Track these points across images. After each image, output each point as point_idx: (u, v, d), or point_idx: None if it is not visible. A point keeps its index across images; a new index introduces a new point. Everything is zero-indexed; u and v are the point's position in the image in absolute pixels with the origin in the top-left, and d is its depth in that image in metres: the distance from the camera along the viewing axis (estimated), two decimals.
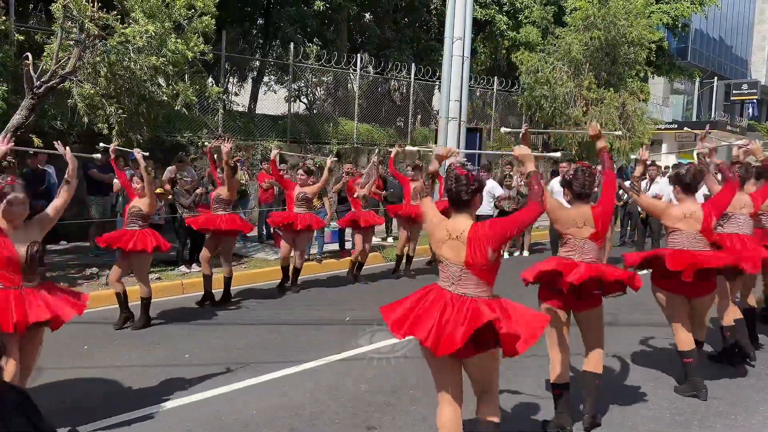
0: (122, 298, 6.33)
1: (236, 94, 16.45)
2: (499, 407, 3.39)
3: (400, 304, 3.30)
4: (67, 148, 4.54)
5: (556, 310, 4.10)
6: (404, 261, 9.31)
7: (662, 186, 10.17)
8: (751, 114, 37.82)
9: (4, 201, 3.66)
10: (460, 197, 3.24)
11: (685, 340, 4.84)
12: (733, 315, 5.58)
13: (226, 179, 7.30)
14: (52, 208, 4.04)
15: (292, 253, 7.95)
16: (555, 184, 9.77)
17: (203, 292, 7.28)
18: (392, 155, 9.08)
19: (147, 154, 6.17)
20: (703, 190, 9.80)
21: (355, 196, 8.75)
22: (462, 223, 3.23)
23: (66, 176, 4.22)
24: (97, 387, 4.77)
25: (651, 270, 4.94)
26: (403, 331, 3.18)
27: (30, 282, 3.73)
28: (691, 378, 4.84)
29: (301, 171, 8.02)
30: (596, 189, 4.44)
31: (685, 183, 4.76)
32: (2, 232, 3.65)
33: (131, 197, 6.45)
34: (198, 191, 8.90)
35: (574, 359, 4.42)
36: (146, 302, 6.33)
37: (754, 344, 5.95)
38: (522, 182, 10.75)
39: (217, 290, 7.34)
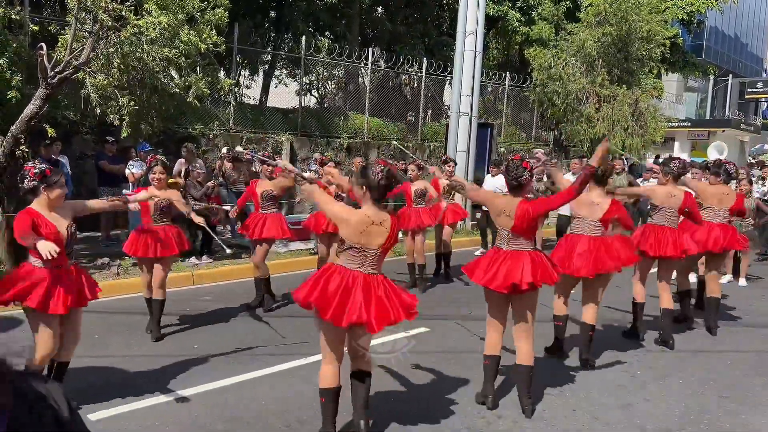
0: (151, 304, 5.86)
1: (247, 87, 16.46)
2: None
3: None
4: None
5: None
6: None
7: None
8: (766, 113, 37.44)
9: (54, 185, 3.93)
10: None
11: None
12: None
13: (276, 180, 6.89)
14: (90, 202, 4.51)
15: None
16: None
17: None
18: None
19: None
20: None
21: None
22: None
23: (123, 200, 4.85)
24: (106, 375, 4.81)
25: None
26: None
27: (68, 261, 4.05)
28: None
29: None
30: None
31: (597, 176, 5.11)
32: (42, 216, 3.88)
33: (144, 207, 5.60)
34: (210, 184, 8.93)
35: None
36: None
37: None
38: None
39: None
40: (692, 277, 7.51)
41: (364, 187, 3.74)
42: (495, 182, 9.30)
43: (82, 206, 4.35)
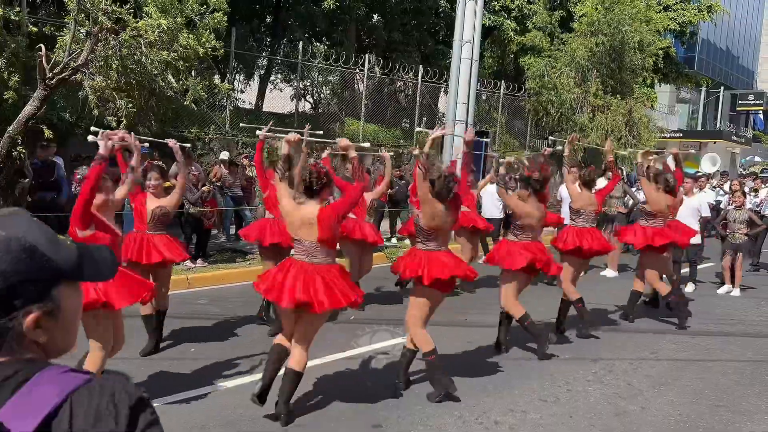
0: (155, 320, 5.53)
1: (242, 91, 16.48)
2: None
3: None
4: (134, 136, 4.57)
5: None
6: None
7: None
8: (757, 125, 37.82)
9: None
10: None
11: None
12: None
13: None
14: (117, 195, 4.42)
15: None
16: (562, 190, 9.82)
17: None
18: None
19: (188, 145, 5.05)
20: (705, 197, 9.92)
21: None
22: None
23: (131, 163, 4.60)
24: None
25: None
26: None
27: None
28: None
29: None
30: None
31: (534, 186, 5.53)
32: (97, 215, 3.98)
33: (136, 199, 5.29)
34: (205, 188, 8.91)
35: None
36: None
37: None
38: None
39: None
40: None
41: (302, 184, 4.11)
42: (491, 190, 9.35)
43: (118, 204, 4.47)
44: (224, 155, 10.83)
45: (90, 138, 4.07)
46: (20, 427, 0.90)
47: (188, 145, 6.07)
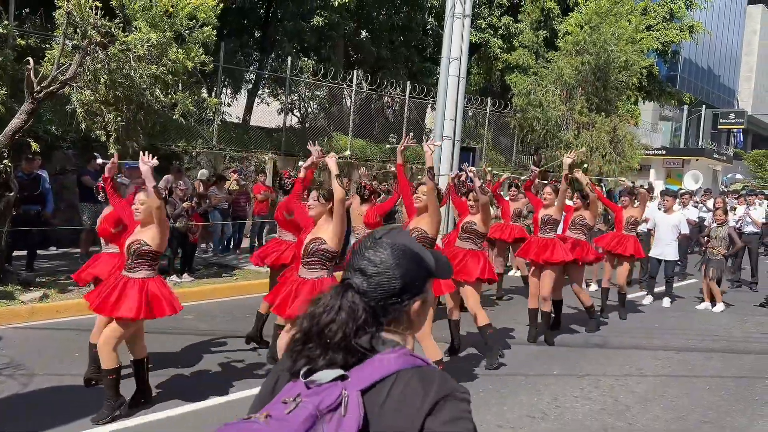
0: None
1: (228, 105, 16.48)
2: None
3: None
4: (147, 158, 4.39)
5: None
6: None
7: (652, 210, 10.30)
8: (737, 143, 38.44)
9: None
10: None
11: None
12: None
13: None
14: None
15: None
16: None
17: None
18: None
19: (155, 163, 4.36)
20: (686, 214, 10.09)
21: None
22: None
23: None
24: (86, 393, 4.72)
25: None
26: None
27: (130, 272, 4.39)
28: None
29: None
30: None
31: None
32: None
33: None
34: (185, 205, 8.82)
35: None
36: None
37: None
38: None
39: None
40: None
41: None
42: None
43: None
44: (202, 174, 10.80)
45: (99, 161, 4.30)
46: (357, 382, 1.19)
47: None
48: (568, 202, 8.26)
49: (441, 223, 4.97)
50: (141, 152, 4.33)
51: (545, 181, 8.83)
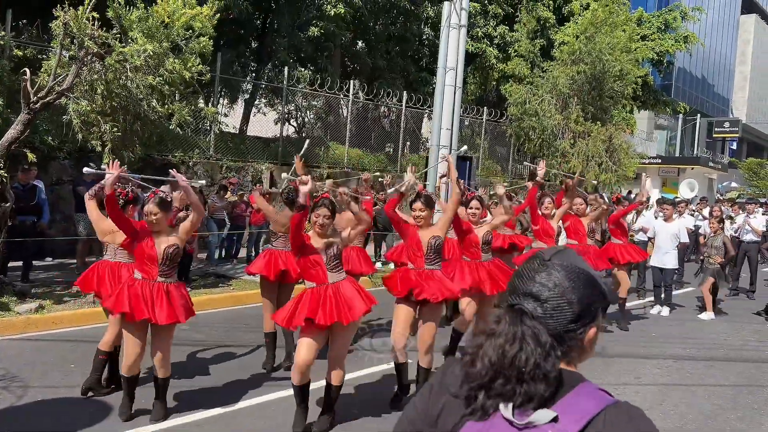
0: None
1: (225, 115, 16.51)
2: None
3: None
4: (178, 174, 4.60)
5: None
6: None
7: (648, 219, 10.32)
8: (732, 151, 38.63)
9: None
10: None
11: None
12: None
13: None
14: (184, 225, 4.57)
15: None
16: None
17: None
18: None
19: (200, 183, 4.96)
20: (684, 222, 10.14)
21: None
22: None
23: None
24: (83, 406, 4.68)
25: None
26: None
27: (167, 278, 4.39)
28: None
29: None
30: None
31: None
32: (149, 232, 4.34)
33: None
34: (181, 215, 8.79)
35: None
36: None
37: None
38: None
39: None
40: None
41: None
42: None
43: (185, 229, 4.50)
44: (199, 184, 10.77)
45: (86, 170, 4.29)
46: (569, 423, 1.14)
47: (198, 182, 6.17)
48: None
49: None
50: (172, 170, 4.62)
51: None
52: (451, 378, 1.27)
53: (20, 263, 8.30)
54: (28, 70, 6.39)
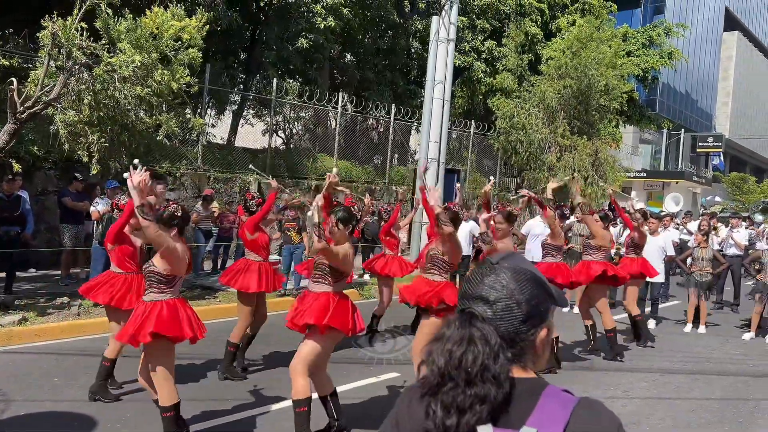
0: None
1: (213, 126, 16.48)
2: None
3: None
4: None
5: None
6: None
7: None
8: (716, 166, 39.09)
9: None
10: None
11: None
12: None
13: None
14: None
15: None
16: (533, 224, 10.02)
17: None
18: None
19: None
20: (670, 235, 10.20)
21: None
22: None
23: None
24: (67, 421, 4.61)
25: None
26: None
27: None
28: None
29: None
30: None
31: None
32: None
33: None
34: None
35: None
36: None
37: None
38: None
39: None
40: None
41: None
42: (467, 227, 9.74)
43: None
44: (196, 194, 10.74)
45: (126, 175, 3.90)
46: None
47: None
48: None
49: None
50: (131, 167, 3.92)
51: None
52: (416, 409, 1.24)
53: (3, 274, 8.18)
54: (15, 80, 6.33)
